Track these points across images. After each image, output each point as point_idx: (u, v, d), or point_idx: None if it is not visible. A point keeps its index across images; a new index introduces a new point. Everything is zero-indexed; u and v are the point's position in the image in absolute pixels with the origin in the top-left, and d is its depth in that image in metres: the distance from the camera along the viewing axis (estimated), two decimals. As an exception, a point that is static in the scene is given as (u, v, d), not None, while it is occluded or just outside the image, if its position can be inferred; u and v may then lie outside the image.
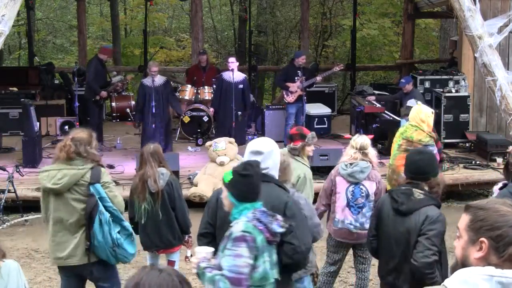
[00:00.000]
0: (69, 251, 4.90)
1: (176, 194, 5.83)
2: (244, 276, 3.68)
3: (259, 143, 4.18)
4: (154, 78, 11.04)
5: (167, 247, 5.92)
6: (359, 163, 5.70)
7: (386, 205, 4.49)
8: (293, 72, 11.97)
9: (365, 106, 11.77)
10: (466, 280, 2.23)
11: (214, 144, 9.80)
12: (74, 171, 4.82)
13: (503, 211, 2.35)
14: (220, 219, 4.06)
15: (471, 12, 9.13)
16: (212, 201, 4.19)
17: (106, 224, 4.84)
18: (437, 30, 22.30)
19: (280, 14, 24.39)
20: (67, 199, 4.86)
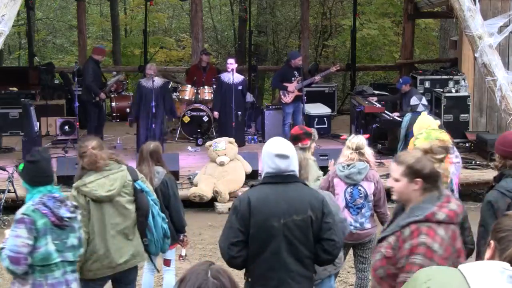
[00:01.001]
0: (132, 253, 4.90)
1: (171, 193, 5.84)
2: (22, 255, 3.98)
3: (282, 146, 4.02)
4: (153, 79, 11.05)
5: None
6: (356, 165, 5.70)
7: None
8: (289, 73, 11.98)
9: (365, 106, 11.78)
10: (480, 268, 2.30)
11: (214, 144, 9.80)
12: (120, 173, 4.87)
13: None
14: (256, 225, 3.91)
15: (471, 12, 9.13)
16: (242, 208, 3.95)
17: (159, 216, 4.97)
18: (437, 30, 22.30)
19: (280, 14, 24.39)
20: (120, 203, 4.86)
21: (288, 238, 3.90)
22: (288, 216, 3.90)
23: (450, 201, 3.29)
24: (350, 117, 13.19)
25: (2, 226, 8.86)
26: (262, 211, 3.91)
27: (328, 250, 3.99)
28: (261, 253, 3.95)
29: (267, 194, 3.96)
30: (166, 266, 6.08)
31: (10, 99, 13.40)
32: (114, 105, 14.19)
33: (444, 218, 3.20)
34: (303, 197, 3.96)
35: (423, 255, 3.10)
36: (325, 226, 3.97)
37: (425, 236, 3.12)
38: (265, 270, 3.98)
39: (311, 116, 12.99)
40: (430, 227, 3.17)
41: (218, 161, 9.69)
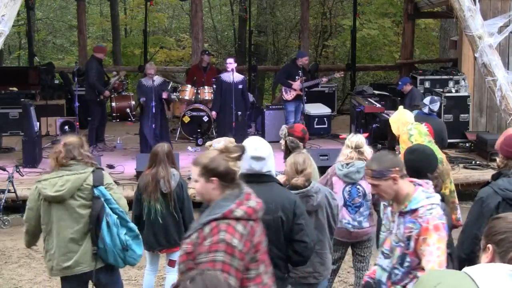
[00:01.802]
0: (76, 259, 4.74)
1: (186, 195, 5.83)
2: None
3: (258, 147, 4.03)
4: (153, 78, 11.05)
5: (171, 247, 5.92)
6: (355, 163, 5.70)
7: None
8: (294, 71, 12.05)
9: (365, 106, 11.78)
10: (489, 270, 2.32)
11: (214, 144, 9.78)
12: (76, 175, 4.69)
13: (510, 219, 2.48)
14: None
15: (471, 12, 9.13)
16: None
17: (115, 226, 4.72)
18: (437, 30, 22.30)
19: (280, 14, 24.39)
20: (71, 206, 4.71)
21: (272, 232, 3.88)
22: (273, 213, 3.90)
23: (249, 198, 3.36)
24: (350, 117, 13.20)
25: (2, 226, 8.87)
26: None
27: (299, 251, 4.01)
28: None
29: (255, 191, 3.92)
30: (170, 266, 6.06)
31: (10, 99, 13.40)
32: (114, 105, 14.19)
33: (242, 214, 3.26)
34: (274, 198, 3.96)
35: (224, 251, 3.16)
36: (296, 227, 3.97)
37: (224, 232, 3.18)
38: None
39: (311, 116, 12.99)
40: (229, 224, 3.23)
41: (218, 161, 9.67)
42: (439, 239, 3.60)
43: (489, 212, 4.20)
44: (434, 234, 3.60)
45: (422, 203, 3.69)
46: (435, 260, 3.57)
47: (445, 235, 3.64)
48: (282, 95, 12.17)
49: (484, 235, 2.52)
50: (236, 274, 3.17)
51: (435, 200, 3.73)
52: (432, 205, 3.69)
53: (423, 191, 3.74)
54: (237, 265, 3.16)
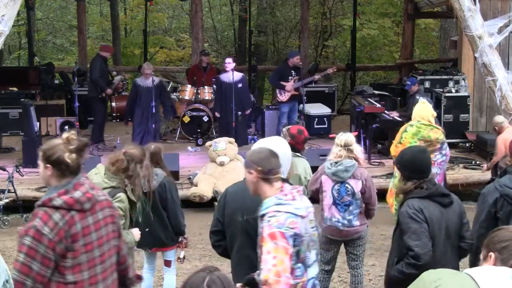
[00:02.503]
0: None
1: (169, 195, 5.81)
2: None
3: (272, 143, 3.96)
4: (153, 78, 11.06)
5: (159, 246, 5.95)
6: (344, 162, 5.70)
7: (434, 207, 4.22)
8: (287, 72, 12.06)
9: (365, 106, 11.78)
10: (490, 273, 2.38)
11: (214, 144, 9.80)
12: (99, 181, 4.70)
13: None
14: (227, 218, 4.08)
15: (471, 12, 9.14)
16: (220, 199, 4.20)
17: None
18: (437, 30, 22.29)
19: (280, 14, 24.39)
20: None
21: (251, 235, 3.91)
22: (251, 213, 3.88)
23: (78, 189, 3.43)
24: (350, 117, 13.19)
25: (2, 226, 8.86)
26: (231, 205, 4.06)
27: None
28: (232, 247, 4.09)
29: (240, 189, 4.03)
30: (166, 266, 6.09)
31: (10, 99, 13.40)
32: (114, 105, 14.19)
33: (60, 204, 3.35)
34: None
35: (32, 237, 3.28)
36: None
37: (38, 219, 3.30)
38: (235, 264, 4.10)
39: (311, 116, 12.99)
40: (46, 211, 3.33)
41: (218, 161, 9.69)
42: (276, 249, 3.39)
43: (487, 207, 4.39)
44: (270, 242, 3.41)
45: (269, 209, 3.51)
46: (269, 269, 3.38)
47: (285, 245, 3.40)
48: (277, 96, 12.17)
49: (485, 245, 2.58)
50: (43, 260, 3.28)
51: (284, 208, 3.50)
52: (276, 212, 3.48)
53: (276, 197, 3.55)
54: (44, 252, 3.27)
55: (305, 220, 3.57)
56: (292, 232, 3.44)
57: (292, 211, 3.50)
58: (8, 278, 3.55)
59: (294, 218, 3.48)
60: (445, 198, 4.26)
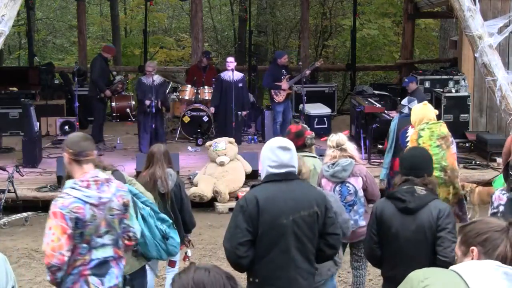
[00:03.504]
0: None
1: (184, 195, 5.85)
2: None
3: (284, 140, 4.06)
4: (153, 78, 11.05)
5: None
6: (340, 162, 5.69)
7: (387, 208, 4.33)
8: (278, 72, 12.12)
9: (365, 106, 11.78)
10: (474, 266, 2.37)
11: (214, 144, 9.80)
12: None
13: (487, 220, 2.55)
14: (265, 224, 3.88)
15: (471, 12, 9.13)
16: (250, 207, 3.88)
17: (150, 218, 4.69)
18: (437, 30, 22.30)
19: (280, 14, 24.39)
20: None
21: (297, 235, 3.90)
22: (297, 213, 3.90)
23: None
24: (350, 117, 13.19)
25: (2, 226, 8.86)
26: (270, 210, 3.87)
27: (333, 244, 4.04)
28: (269, 252, 3.91)
29: (274, 192, 3.93)
30: (170, 267, 6.06)
31: (10, 99, 13.40)
32: (114, 105, 14.19)
33: None
34: (308, 193, 3.99)
35: None
36: (329, 220, 4.00)
37: None
38: (274, 270, 3.95)
39: (311, 116, 12.99)
40: None
41: (218, 161, 9.69)
42: (56, 226, 3.78)
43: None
44: (52, 220, 3.81)
45: (64, 190, 3.92)
46: (47, 242, 3.81)
47: (63, 225, 3.79)
48: (273, 97, 12.14)
49: (462, 241, 2.54)
50: None
51: (74, 193, 3.85)
52: (66, 194, 3.85)
53: (73, 181, 3.92)
54: None
55: (97, 208, 3.90)
56: (74, 216, 3.82)
57: (80, 197, 3.85)
58: (14, 284, 3.54)
59: (81, 204, 3.84)
60: (399, 203, 4.25)
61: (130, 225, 4.17)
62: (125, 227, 4.14)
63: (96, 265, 3.97)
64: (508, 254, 2.41)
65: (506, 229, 2.46)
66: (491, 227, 2.48)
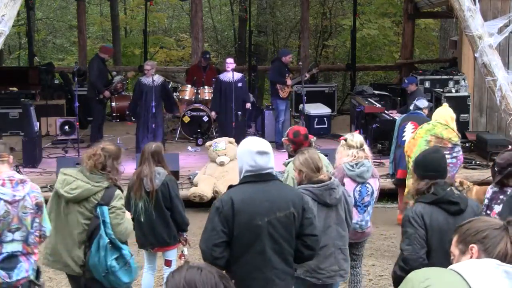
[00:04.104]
0: (64, 259, 4.84)
1: (173, 194, 5.83)
2: None
3: (261, 143, 4.04)
4: (153, 78, 11.04)
5: (161, 245, 5.95)
6: (364, 162, 5.70)
7: (437, 214, 4.09)
8: (283, 70, 12.19)
9: (365, 106, 11.79)
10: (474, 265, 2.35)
11: (214, 144, 9.80)
12: (89, 186, 4.72)
13: (485, 219, 2.55)
14: (240, 226, 3.90)
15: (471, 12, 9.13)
16: (225, 209, 3.90)
17: (103, 250, 4.70)
18: (437, 30, 22.30)
19: (280, 14, 24.39)
20: (74, 209, 4.78)
21: (273, 236, 3.91)
22: (272, 214, 3.90)
23: None
24: (350, 117, 13.20)
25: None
26: (246, 211, 3.88)
27: (311, 245, 4.02)
28: (244, 253, 3.92)
29: (249, 193, 3.94)
30: (167, 266, 6.09)
31: (10, 99, 13.40)
32: (114, 105, 14.18)
33: None
34: (284, 194, 3.99)
35: None
36: (306, 221, 3.99)
37: None
38: (250, 271, 3.95)
39: (311, 116, 13.00)
40: None
41: (218, 161, 9.69)
42: None
43: None
44: None
45: None
46: None
47: None
48: (278, 92, 12.14)
49: (460, 240, 2.52)
50: None
51: None
52: None
53: None
54: None
55: (11, 205, 4.36)
56: None
57: None
58: None
59: None
60: (453, 206, 4.09)
61: (42, 224, 4.55)
62: (37, 225, 4.51)
63: (4, 259, 4.38)
64: (509, 251, 2.41)
65: (504, 227, 2.45)
66: (490, 225, 2.47)
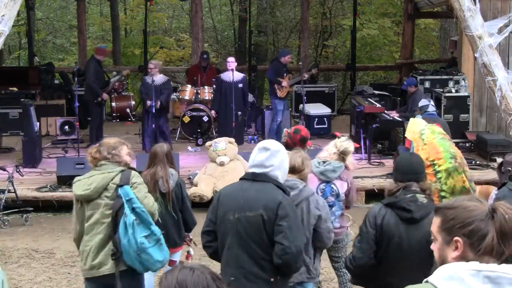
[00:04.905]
0: (100, 260, 4.72)
1: (184, 194, 5.89)
2: None
3: (268, 141, 4.22)
4: (154, 77, 11.03)
5: (171, 247, 5.93)
6: (332, 162, 5.65)
7: (389, 217, 4.21)
8: (281, 70, 12.20)
9: (365, 106, 11.79)
10: (452, 275, 2.22)
11: (214, 144, 9.80)
12: (104, 175, 4.72)
13: (471, 206, 2.36)
14: (219, 218, 4.10)
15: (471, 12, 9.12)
16: (214, 199, 4.22)
17: (130, 227, 4.59)
18: (437, 30, 22.29)
19: (280, 14, 24.39)
20: (98, 205, 4.72)
21: (241, 234, 3.98)
22: (242, 212, 3.98)
23: None
24: (350, 117, 13.19)
25: (2, 226, 8.86)
26: (224, 205, 4.08)
27: (278, 253, 3.93)
28: (222, 248, 4.09)
29: (234, 189, 4.12)
30: (170, 267, 6.07)
31: (10, 99, 13.39)
32: (114, 105, 14.18)
33: None
34: (260, 196, 3.99)
35: None
36: (277, 228, 3.93)
37: None
38: (224, 265, 4.10)
39: (311, 116, 12.99)
40: None
41: (218, 161, 9.69)
42: None
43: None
44: None
45: None
46: None
47: None
48: (276, 92, 12.14)
49: (443, 227, 2.37)
50: None
51: None
52: None
53: None
54: None
55: None
56: None
57: None
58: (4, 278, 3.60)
59: None
60: (404, 213, 4.14)
61: None
62: None
63: None
64: (495, 246, 2.28)
65: (490, 215, 2.31)
66: (476, 215, 2.32)
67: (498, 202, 2.39)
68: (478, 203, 2.37)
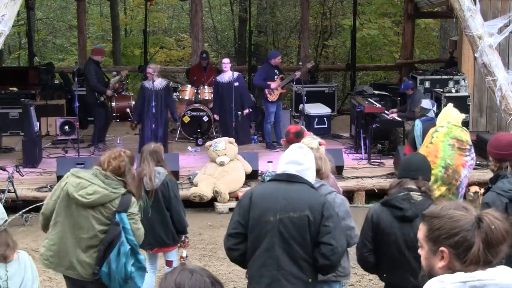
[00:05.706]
0: (69, 262, 4.77)
1: (172, 194, 5.84)
2: None
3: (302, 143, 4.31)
4: (154, 81, 11.00)
5: (161, 246, 5.95)
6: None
7: (384, 215, 4.28)
8: (271, 72, 12.08)
9: (365, 106, 11.79)
10: None
11: (214, 144, 9.80)
12: (107, 192, 4.67)
13: (456, 216, 2.35)
14: (253, 219, 4.00)
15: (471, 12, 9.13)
16: (244, 201, 4.09)
17: (124, 256, 4.68)
18: (437, 30, 22.29)
19: (280, 14, 24.39)
20: (88, 214, 4.70)
21: (283, 235, 3.91)
22: (285, 213, 3.91)
23: None
24: (350, 117, 13.20)
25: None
26: (261, 205, 3.97)
27: (326, 254, 3.91)
28: (257, 248, 3.97)
29: (270, 190, 4.04)
30: (168, 266, 6.09)
31: (10, 99, 13.39)
32: (114, 105, 14.14)
33: None
34: (303, 196, 3.97)
35: None
36: (323, 229, 3.91)
37: None
38: (259, 267, 3.98)
39: (311, 116, 12.99)
40: None
41: (218, 161, 9.69)
42: None
43: None
44: None
45: None
46: None
47: None
48: (267, 97, 12.06)
49: (429, 236, 2.37)
50: None
51: None
52: None
53: None
54: None
55: None
56: None
57: None
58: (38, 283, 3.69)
59: None
60: (396, 211, 4.21)
61: None
62: None
63: None
64: (482, 256, 2.28)
65: (476, 225, 2.30)
66: (461, 226, 2.31)
67: (485, 211, 2.36)
68: (465, 212, 2.35)
